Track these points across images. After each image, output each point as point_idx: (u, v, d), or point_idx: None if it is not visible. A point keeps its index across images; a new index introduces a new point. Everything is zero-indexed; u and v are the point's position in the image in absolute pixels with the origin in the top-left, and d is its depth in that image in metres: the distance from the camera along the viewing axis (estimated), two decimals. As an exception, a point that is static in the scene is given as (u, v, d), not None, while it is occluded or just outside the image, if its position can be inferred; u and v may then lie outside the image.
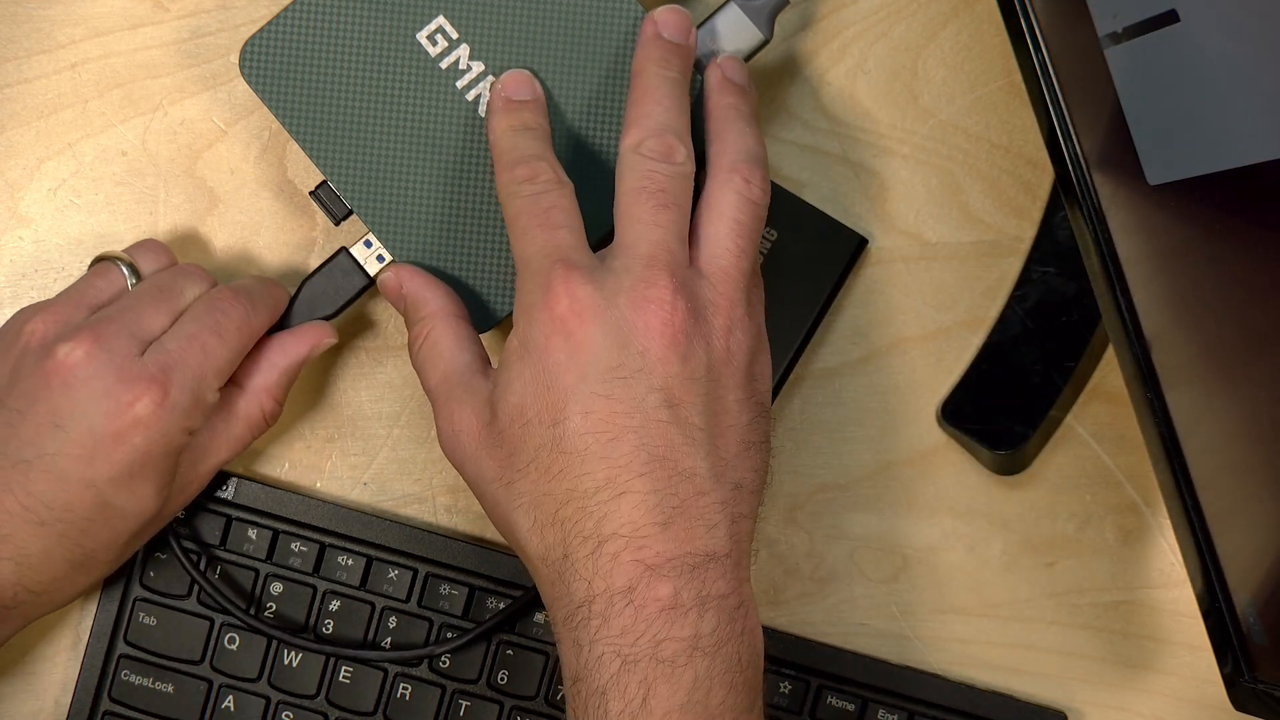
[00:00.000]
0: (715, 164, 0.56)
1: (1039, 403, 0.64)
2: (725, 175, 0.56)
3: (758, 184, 0.56)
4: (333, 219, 0.61)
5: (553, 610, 0.54)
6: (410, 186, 0.60)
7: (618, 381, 0.52)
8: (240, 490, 0.64)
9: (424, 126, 0.60)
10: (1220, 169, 0.48)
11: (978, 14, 0.65)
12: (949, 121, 0.65)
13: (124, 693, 0.64)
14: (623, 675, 0.51)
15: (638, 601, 0.51)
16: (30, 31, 0.65)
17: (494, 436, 0.54)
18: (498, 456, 0.54)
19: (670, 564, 0.52)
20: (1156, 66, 0.50)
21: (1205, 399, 0.53)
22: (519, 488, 0.54)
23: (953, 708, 0.65)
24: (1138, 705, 0.66)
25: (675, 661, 0.51)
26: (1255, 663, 0.54)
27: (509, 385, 0.54)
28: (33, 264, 0.65)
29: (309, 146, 0.60)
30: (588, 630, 0.52)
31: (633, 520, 0.52)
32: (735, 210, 0.55)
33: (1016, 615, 0.66)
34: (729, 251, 0.55)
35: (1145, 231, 0.54)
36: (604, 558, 0.52)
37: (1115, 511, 0.66)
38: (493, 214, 0.60)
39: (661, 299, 0.53)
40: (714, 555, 0.52)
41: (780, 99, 0.65)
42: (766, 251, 0.63)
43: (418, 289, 0.58)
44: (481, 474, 0.55)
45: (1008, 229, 0.66)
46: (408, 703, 0.64)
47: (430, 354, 0.57)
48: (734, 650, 0.52)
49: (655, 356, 0.52)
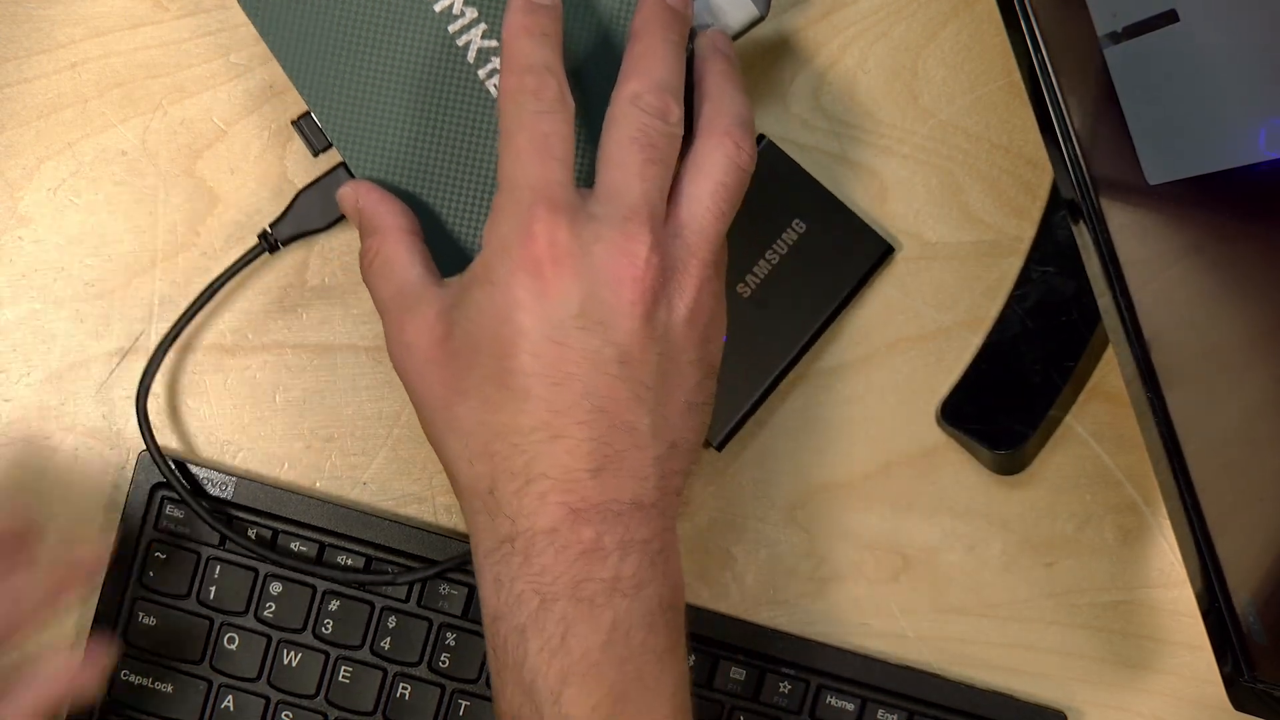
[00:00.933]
0: (707, 126, 0.56)
1: (1039, 403, 0.64)
2: (717, 138, 0.56)
3: (747, 150, 0.56)
4: (312, 150, 0.61)
5: (476, 542, 0.54)
6: (391, 125, 0.60)
7: (576, 330, 0.52)
8: (240, 490, 0.64)
9: (411, 67, 0.60)
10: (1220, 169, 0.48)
11: (978, 14, 0.65)
12: (949, 121, 0.65)
13: (124, 692, 0.64)
14: (541, 613, 0.52)
15: (559, 543, 0.52)
16: (30, 31, 0.65)
17: (444, 355, 0.54)
18: (444, 376, 0.54)
19: (595, 509, 0.52)
20: (1156, 66, 0.50)
21: (1205, 399, 0.53)
22: (457, 411, 0.54)
23: (953, 708, 0.65)
24: (1138, 705, 0.66)
25: (594, 601, 0.52)
26: (1255, 663, 0.54)
27: (466, 308, 0.54)
28: (33, 264, 0.65)
29: (295, 75, 0.60)
30: (508, 567, 0.52)
31: (564, 464, 0.52)
32: (722, 173, 0.55)
33: (1016, 615, 0.66)
34: (709, 212, 0.55)
35: (1145, 231, 0.54)
36: (530, 497, 0.52)
37: (1115, 511, 0.66)
38: (471, 159, 0.60)
39: (636, 255, 0.53)
40: (640, 504, 0.53)
41: (780, 99, 0.65)
42: (793, 243, 0.63)
43: (373, 203, 0.58)
44: (427, 390, 0.55)
45: (1008, 229, 0.66)
46: (407, 703, 0.64)
47: (383, 268, 0.57)
48: (654, 592, 0.53)
49: (620, 312, 0.53)
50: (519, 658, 0.52)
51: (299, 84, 0.60)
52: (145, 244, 0.65)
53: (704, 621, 0.65)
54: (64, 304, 0.65)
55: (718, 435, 0.62)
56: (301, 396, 0.66)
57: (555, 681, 0.52)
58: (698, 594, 0.66)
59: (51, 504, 0.66)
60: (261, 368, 0.66)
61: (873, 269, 0.64)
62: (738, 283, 0.61)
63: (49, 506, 0.66)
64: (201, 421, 0.66)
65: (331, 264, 0.65)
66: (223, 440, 0.66)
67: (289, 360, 0.66)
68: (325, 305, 0.66)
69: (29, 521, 0.60)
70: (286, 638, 0.64)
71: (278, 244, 0.63)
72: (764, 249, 0.62)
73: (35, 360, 0.65)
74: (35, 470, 0.66)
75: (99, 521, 0.66)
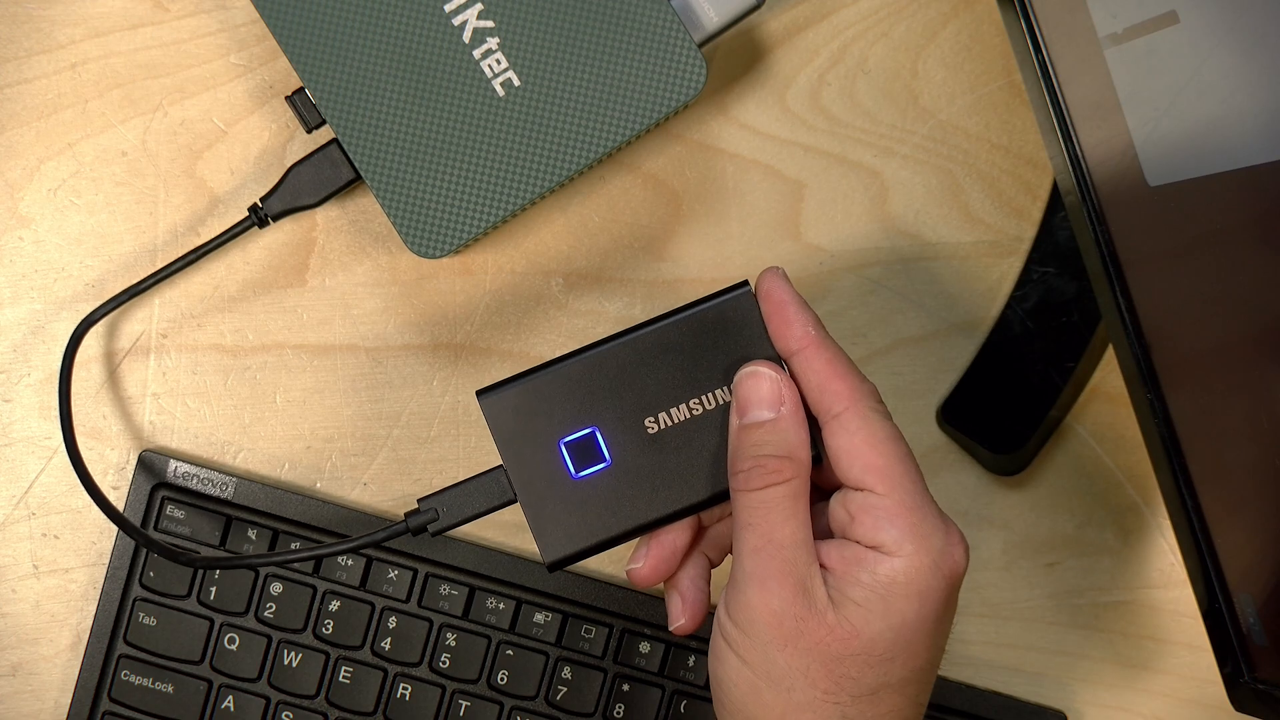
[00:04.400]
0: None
1: (1039, 403, 0.64)
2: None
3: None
4: (305, 126, 0.61)
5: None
6: (384, 103, 0.60)
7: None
8: (240, 490, 0.64)
9: (406, 45, 0.60)
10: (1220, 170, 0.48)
11: (978, 14, 0.65)
12: (949, 121, 0.65)
13: (124, 693, 0.64)
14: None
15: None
16: (30, 31, 0.65)
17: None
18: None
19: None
20: (1156, 67, 0.50)
21: (1205, 399, 0.53)
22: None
23: (953, 708, 0.65)
24: (1138, 705, 0.66)
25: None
26: (1255, 663, 0.54)
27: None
28: (33, 264, 0.65)
29: (289, 49, 0.60)
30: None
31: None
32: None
33: (1016, 615, 0.66)
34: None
35: (1145, 231, 0.54)
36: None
37: (1115, 511, 0.66)
38: (462, 138, 0.60)
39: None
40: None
41: (780, 99, 0.65)
42: (716, 406, 0.54)
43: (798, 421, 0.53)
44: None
45: (1008, 229, 0.66)
46: (407, 703, 0.65)
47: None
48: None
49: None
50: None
51: (293, 58, 0.60)
52: (145, 244, 0.65)
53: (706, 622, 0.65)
54: (64, 304, 0.65)
55: (553, 555, 0.54)
56: (301, 396, 0.66)
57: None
58: (698, 594, 0.66)
59: (52, 505, 0.66)
60: (261, 368, 0.66)
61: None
62: (648, 417, 0.53)
63: (50, 507, 0.66)
64: (201, 421, 0.66)
65: (332, 264, 0.66)
66: (223, 440, 0.66)
67: (289, 360, 0.66)
68: (325, 305, 0.66)
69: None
70: (287, 638, 0.64)
71: (268, 219, 0.63)
72: (689, 396, 0.53)
73: (35, 360, 0.65)
74: (35, 470, 0.66)
75: (99, 522, 0.66)
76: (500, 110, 0.60)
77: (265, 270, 0.66)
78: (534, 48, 0.60)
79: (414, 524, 0.55)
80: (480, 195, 0.60)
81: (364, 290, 0.66)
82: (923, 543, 0.50)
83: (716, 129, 0.65)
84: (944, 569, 0.50)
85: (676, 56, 0.60)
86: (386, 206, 0.60)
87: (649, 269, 0.66)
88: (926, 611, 0.50)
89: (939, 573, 0.50)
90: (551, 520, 0.53)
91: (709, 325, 0.53)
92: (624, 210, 0.66)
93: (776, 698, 0.50)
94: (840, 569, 0.50)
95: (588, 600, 0.65)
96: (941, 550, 0.50)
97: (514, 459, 0.53)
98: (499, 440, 0.53)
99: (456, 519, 0.55)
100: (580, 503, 0.53)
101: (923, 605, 0.50)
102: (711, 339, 0.53)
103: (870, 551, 0.50)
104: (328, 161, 0.62)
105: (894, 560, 0.50)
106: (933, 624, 0.51)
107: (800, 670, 0.50)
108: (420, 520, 0.55)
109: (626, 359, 0.53)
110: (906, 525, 0.50)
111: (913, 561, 0.50)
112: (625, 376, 0.53)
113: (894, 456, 0.51)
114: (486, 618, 0.65)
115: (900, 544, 0.50)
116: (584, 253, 0.66)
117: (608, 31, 0.60)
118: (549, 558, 0.54)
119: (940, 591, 0.50)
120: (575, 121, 0.60)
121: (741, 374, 0.52)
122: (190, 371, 0.66)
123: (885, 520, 0.50)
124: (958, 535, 0.51)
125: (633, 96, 0.60)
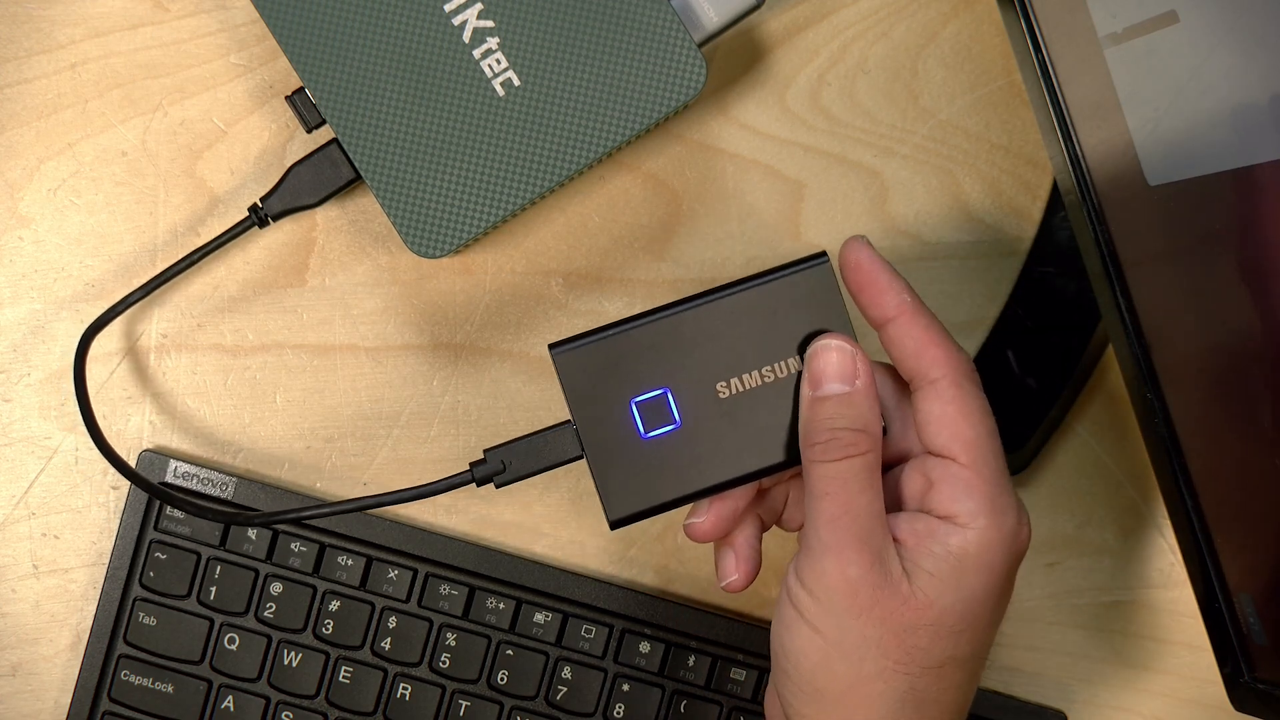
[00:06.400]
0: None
1: (1039, 403, 0.64)
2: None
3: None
4: (305, 126, 0.61)
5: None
6: (384, 103, 0.60)
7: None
8: (240, 490, 0.64)
9: (406, 45, 0.60)
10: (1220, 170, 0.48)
11: (978, 14, 0.65)
12: (949, 121, 0.65)
13: (124, 693, 0.64)
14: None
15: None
16: (30, 31, 0.65)
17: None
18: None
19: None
20: (1156, 67, 0.50)
21: (1205, 399, 0.53)
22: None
23: (953, 708, 0.65)
24: (1138, 705, 0.66)
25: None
26: (1255, 663, 0.54)
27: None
28: (33, 264, 0.65)
29: (291, 50, 0.60)
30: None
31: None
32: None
33: (1016, 615, 0.66)
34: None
35: (1145, 231, 0.54)
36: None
37: (1115, 511, 0.66)
38: (462, 138, 0.60)
39: None
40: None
41: (780, 99, 0.65)
42: (788, 375, 0.54)
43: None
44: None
45: (1008, 229, 0.66)
46: (407, 703, 0.65)
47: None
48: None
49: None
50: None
51: (293, 58, 0.60)
52: (145, 244, 0.65)
53: (706, 622, 0.65)
54: (64, 304, 0.65)
55: (618, 514, 0.54)
56: (301, 396, 0.66)
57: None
58: (705, 591, 0.66)
59: (52, 505, 0.66)
60: (261, 368, 0.66)
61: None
62: (719, 382, 0.54)
63: (50, 507, 0.66)
64: (201, 421, 0.66)
65: (332, 264, 0.65)
66: (223, 440, 0.66)
67: (289, 360, 0.66)
68: (325, 305, 0.66)
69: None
70: (287, 638, 0.64)
71: (268, 218, 0.63)
72: (762, 364, 0.54)
73: (35, 360, 0.65)
74: (35, 470, 0.66)
75: (99, 522, 0.66)
76: (500, 110, 0.60)
77: (265, 270, 0.66)
78: (534, 47, 0.60)
79: (480, 474, 0.55)
80: (480, 195, 0.60)
81: (364, 290, 0.66)
82: (997, 518, 0.50)
83: (716, 129, 0.65)
84: (1013, 547, 0.51)
85: (676, 56, 0.60)
86: (386, 206, 0.60)
87: (649, 269, 0.66)
88: (993, 587, 0.51)
89: (1007, 549, 0.51)
90: (617, 478, 0.54)
91: (785, 295, 0.54)
92: (624, 210, 0.66)
93: (848, 668, 0.50)
94: (912, 541, 0.51)
95: (588, 600, 0.65)
96: (1013, 528, 0.51)
97: (584, 415, 0.53)
98: (570, 395, 0.54)
99: (523, 472, 0.54)
100: (647, 463, 0.54)
101: (991, 579, 0.51)
102: (786, 309, 0.54)
103: (943, 523, 0.51)
104: (328, 161, 0.62)
105: (967, 532, 0.50)
106: (997, 600, 0.51)
107: (874, 640, 0.50)
108: (486, 471, 0.54)
109: (701, 324, 0.54)
110: (984, 498, 0.50)
111: (985, 535, 0.50)
112: (699, 341, 0.54)
113: (984, 430, 0.51)
114: (486, 618, 0.65)
115: (975, 516, 0.50)
116: (584, 253, 0.66)
117: (607, 31, 0.60)
118: (614, 515, 0.54)
119: (1007, 568, 0.51)
120: (575, 121, 0.60)
121: (815, 346, 0.53)
122: (190, 371, 0.66)
123: (964, 491, 0.51)
124: (1027, 517, 0.52)
125: (632, 96, 0.60)
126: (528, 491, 0.66)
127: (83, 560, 0.66)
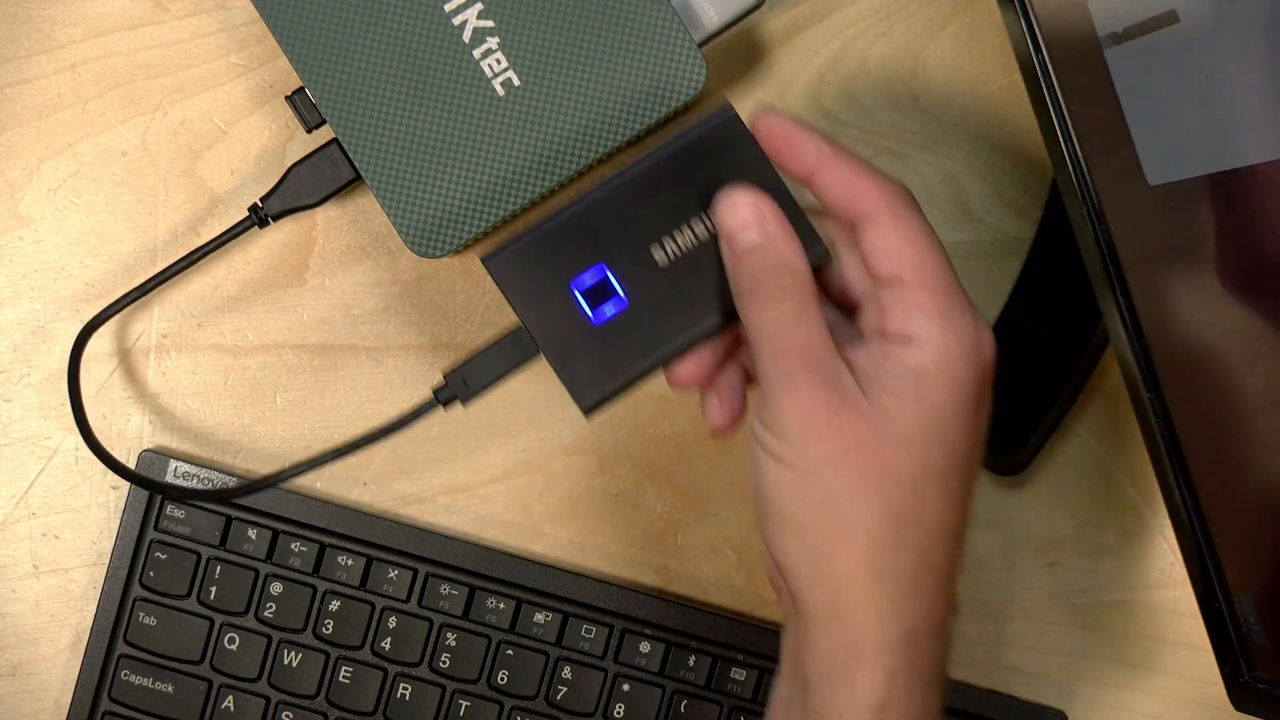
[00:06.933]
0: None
1: (1039, 403, 0.64)
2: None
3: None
4: (305, 126, 0.61)
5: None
6: (384, 103, 0.60)
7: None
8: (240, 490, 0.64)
9: (406, 45, 0.60)
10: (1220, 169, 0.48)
11: (978, 14, 0.65)
12: (949, 121, 0.65)
13: (124, 693, 0.64)
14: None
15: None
16: (30, 31, 0.65)
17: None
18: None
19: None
20: (1156, 67, 0.50)
21: (1205, 399, 0.53)
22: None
23: (953, 708, 0.65)
24: (1137, 705, 0.66)
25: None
26: (1255, 662, 0.54)
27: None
28: (33, 264, 0.65)
29: (291, 50, 0.60)
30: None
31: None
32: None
33: (1016, 615, 0.66)
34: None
35: (1145, 231, 0.54)
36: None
37: (1115, 511, 0.66)
38: (462, 138, 0.60)
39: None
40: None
41: (780, 99, 0.65)
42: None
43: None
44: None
45: (1008, 229, 0.66)
46: (407, 703, 0.65)
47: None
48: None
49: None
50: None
51: (293, 58, 0.60)
52: (145, 244, 0.65)
53: (706, 622, 0.65)
54: (64, 304, 0.65)
55: (587, 401, 0.54)
56: (301, 396, 0.66)
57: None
58: (705, 591, 0.66)
59: (52, 504, 0.66)
60: (261, 368, 0.66)
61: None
62: (655, 251, 0.54)
63: (50, 507, 0.66)
64: (201, 421, 0.66)
65: (332, 264, 0.65)
66: (223, 440, 0.66)
67: (289, 360, 0.66)
68: (325, 305, 0.66)
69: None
70: (287, 638, 0.64)
71: (268, 218, 0.63)
72: (692, 224, 0.53)
73: (35, 360, 0.65)
74: (35, 470, 0.66)
75: (99, 522, 0.66)
76: (500, 110, 0.60)
77: (265, 270, 0.66)
78: (534, 47, 0.60)
79: (444, 397, 0.55)
80: (480, 195, 0.60)
81: (364, 290, 0.66)
82: (953, 330, 0.50)
83: (716, 129, 0.65)
84: (975, 356, 0.50)
85: (676, 56, 0.60)
86: (386, 206, 0.60)
87: (649, 269, 0.66)
88: (960, 399, 0.50)
89: (968, 360, 0.50)
90: (579, 367, 0.54)
91: (700, 153, 0.53)
92: (624, 210, 0.66)
93: (820, 491, 0.50)
94: (868, 364, 0.51)
95: (588, 600, 0.65)
96: (972, 338, 0.51)
97: (531, 313, 0.53)
98: (512, 298, 0.53)
99: (483, 383, 0.55)
100: (605, 346, 0.54)
101: (956, 391, 0.50)
102: (705, 165, 0.53)
103: (898, 345, 0.50)
104: (328, 161, 0.62)
105: (924, 348, 0.50)
106: (969, 411, 0.51)
107: (838, 457, 0.50)
108: (448, 393, 0.55)
109: (624, 199, 0.53)
110: (936, 313, 0.50)
111: (943, 347, 0.50)
112: (626, 215, 0.53)
113: (926, 248, 0.51)
114: (486, 618, 0.65)
115: (929, 332, 0.50)
116: (584, 253, 0.66)
117: (608, 31, 0.60)
118: (584, 403, 0.54)
119: (973, 379, 0.50)
120: (575, 121, 0.60)
121: (719, 204, 0.52)
122: (190, 371, 0.66)
123: (915, 309, 0.50)
124: (986, 328, 0.51)
125: (633, 96, 0.60)
126: (528, 491, 0.66)
127: (83, 560, 0.66)
